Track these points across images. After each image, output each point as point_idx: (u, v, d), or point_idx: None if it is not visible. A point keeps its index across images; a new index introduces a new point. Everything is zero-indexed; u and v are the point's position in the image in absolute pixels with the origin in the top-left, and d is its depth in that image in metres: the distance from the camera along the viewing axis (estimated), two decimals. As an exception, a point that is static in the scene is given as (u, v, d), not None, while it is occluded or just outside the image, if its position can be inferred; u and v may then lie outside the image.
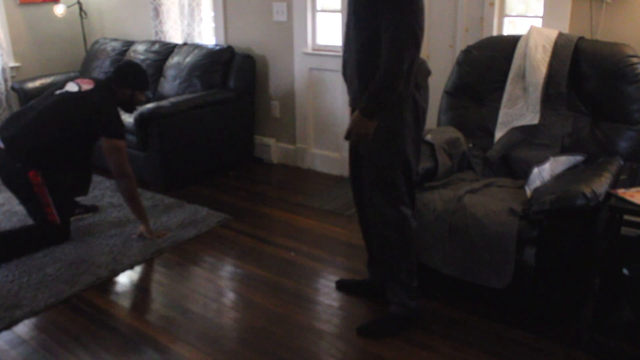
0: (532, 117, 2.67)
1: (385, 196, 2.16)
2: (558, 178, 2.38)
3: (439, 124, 3.02)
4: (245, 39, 4.33)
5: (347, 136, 2.11)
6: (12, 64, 4.98)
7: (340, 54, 3.76)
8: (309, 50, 4.02)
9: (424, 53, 2.46)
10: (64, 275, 2.76)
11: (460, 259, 2.35)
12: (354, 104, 2.21)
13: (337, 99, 3.98)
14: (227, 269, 2.91)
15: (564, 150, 2.61)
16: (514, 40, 2.84)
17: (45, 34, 5.19)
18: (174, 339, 2.30)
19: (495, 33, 3.22)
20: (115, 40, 5.03)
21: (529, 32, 2.75)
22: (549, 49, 2.66)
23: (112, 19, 5.32)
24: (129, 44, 4.89)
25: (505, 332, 2.29)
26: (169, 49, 4.51)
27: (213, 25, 4.52)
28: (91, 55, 5.06)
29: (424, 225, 2.40)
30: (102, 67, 4.89)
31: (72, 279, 2.74)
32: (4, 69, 4.81)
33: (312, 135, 4.20)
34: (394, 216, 2.17)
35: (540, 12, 3.02)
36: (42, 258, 2.93)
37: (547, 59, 2.66)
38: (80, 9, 5.20)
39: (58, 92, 3.09)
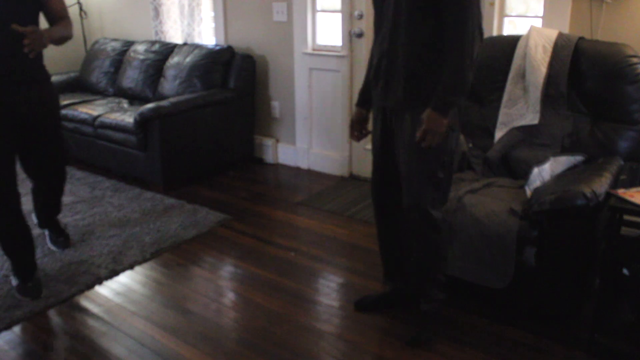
0: (532, 117, 2.67)
1: (433, 197, 2.11)
2: (558, 178, 2.38)
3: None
4: (245, 39, 4.33)
5: (422, 139, 1.97)
6: (12, 64, 4.97)
7: (341, 54, 3.83)
8: (309, 50, 4.02)
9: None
10: (64, 275, 2.76)
11: (461, 259, 2.35)
12: (397, 104, 2.08)
13: (337, 99, 3.98)
14: (227, 269, 2.91)
15: (564, 150, 2.61)
16: (514, 40, 2.83)
17: (45, 34, 5.19)
18: (174, 339, 2.30)
19: (495, 33, 3.22)
20: (115, 40, 5.03)
21: (529, 32, 2.75)
22: (549, 49, 2.66)
23: (112, 19, 5.32)
24: (129, 44, 4.89)
25: (505, 332, 2.29)
26: (169, 49, 4.51)
27: (213, 25, 4.52)
28: (91, 55, 5.06)
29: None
30: (102, 67, 4.89)
31: (72, 279, 2.74)
32: (4, 69, 4.81)
33: (312, 135, 4.20)
34: (437, 217, 2.13)
35: (540, 12, 3.02)
36: (42, 258, 2.93)
37: (547, 59, 2.66)
38: (80, 9, 5.20)
39: None
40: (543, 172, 2.45)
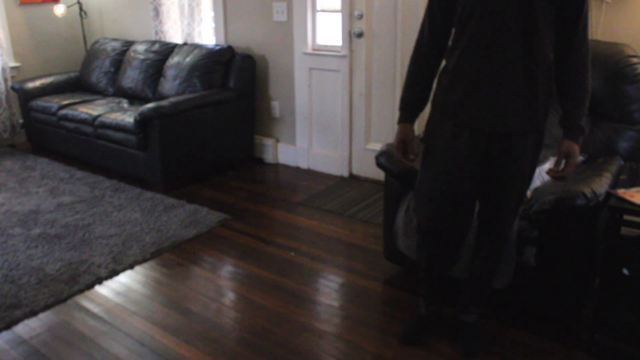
0: (532, 117, 2.67)
1: (517, 211, 2.07)
2: (558, 178, 2.38)
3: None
4: (245, 39, 4.33)
5: (570, 172, 1.87)
6: (12, 64, 4.98)
7: (341, 54, 3.83)
8: (309, 50, 4.02)
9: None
10: (64, 275, 2.77)
11: (461, 259, 2.34)
12: (516, 127, 1.86)
13: (337, 99, 3.98)
14: (227, 269, 2.91)
15: (564, 150, 2.61)
16: (514, 40, 2.83)
17: (45, 34, 5.20)
18: (174, 339, 2.30)
19: (495, 33, 3.21)
20: (115, 40, 5.03)
21: (529, 32, 2.75)
22: (549, 49, 2.66)
23: (112, 19, 5.32)
24: (129, 43, 4.89)
25: (505, 332, 2.29)
26: (169, 49, 4.51)
27: (213, 25, 4.52)
28: (91, 55, 5.06)
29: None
30: (102, 67, 4.90)
31: (72, 279, 2.74)
32: (4, 69, 4.81)
33: (312, 135, 4.20)
34: (514, 228, 2.12)
35: (540, 12, 3.01)
36: (41, 258, 2.93)
37: (547, 59, 2.65)
38: (80, 9, 5.20)
39: None
40: (543, 172, 2.45)
